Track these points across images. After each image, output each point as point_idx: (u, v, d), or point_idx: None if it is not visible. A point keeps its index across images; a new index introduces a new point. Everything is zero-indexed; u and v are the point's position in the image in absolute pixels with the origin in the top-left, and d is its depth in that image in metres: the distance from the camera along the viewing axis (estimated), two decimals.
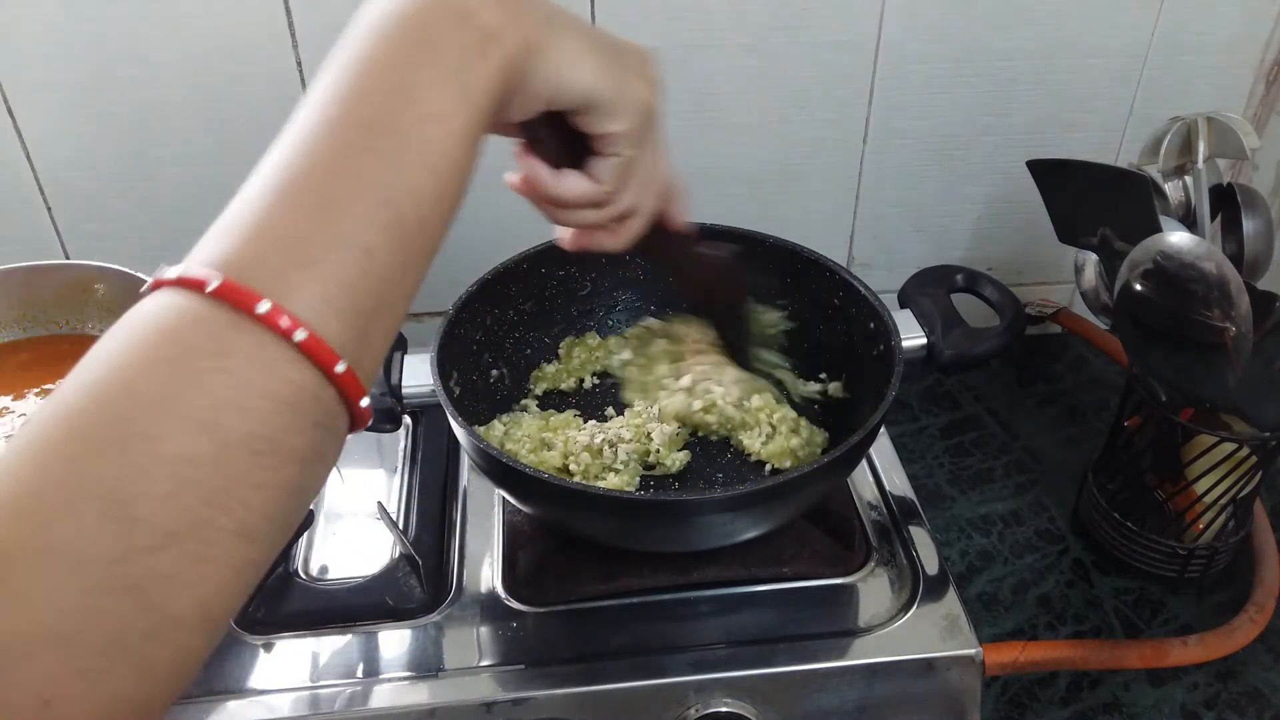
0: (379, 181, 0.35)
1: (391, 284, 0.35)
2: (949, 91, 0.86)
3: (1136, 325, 0.66)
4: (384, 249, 0.34)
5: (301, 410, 0.32)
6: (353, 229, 0.34)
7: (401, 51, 0.37)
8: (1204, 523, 0.71)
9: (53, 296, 0.78)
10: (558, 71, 0.40)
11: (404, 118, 0.36)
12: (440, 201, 0.37)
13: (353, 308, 0.33)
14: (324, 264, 0.33)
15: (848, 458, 0.63)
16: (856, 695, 0.62)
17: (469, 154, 0.38)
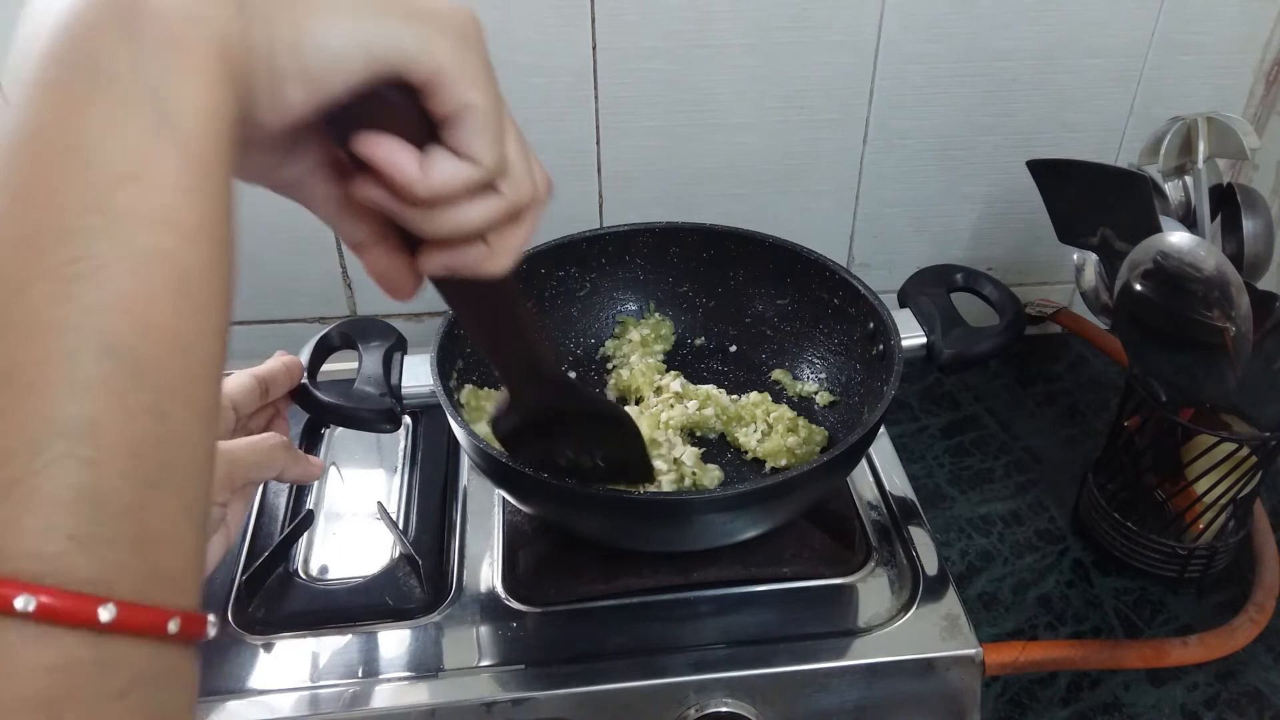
0: (74, 320, 0.24)
1: (152, 447, 0.25)
2: (949, 91, 0.86)
3: (1136, 325, 0.66)
4: (117, 409, 0.24)
5: (87, 694, 0.24)
6: (61, 411, 0.24)
7: (56, 89, 0.25)
8: (1204, 523, 0.71)
9: None
10: (322, 43, 0.28)
11: (80, 196, 0.24)
12: (187, 286, 0.26)
13: (105, 517, 0.24)
14: (39, 484, 0.23)
15: (848, 457, 0.63)
16: (856, 695, 0.62)
17: (211, 202, 0.27)
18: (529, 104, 0.83)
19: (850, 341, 0.77)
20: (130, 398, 0.25)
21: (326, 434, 0.82)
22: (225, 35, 0.27)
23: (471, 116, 0.32)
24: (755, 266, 0.81)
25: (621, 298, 0.84)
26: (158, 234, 0.25)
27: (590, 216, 0.90)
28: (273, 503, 0.75)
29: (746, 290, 0.82)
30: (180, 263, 0.26)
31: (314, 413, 0.67)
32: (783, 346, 0.82)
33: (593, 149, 0.86)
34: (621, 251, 0.82)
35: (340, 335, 0.72)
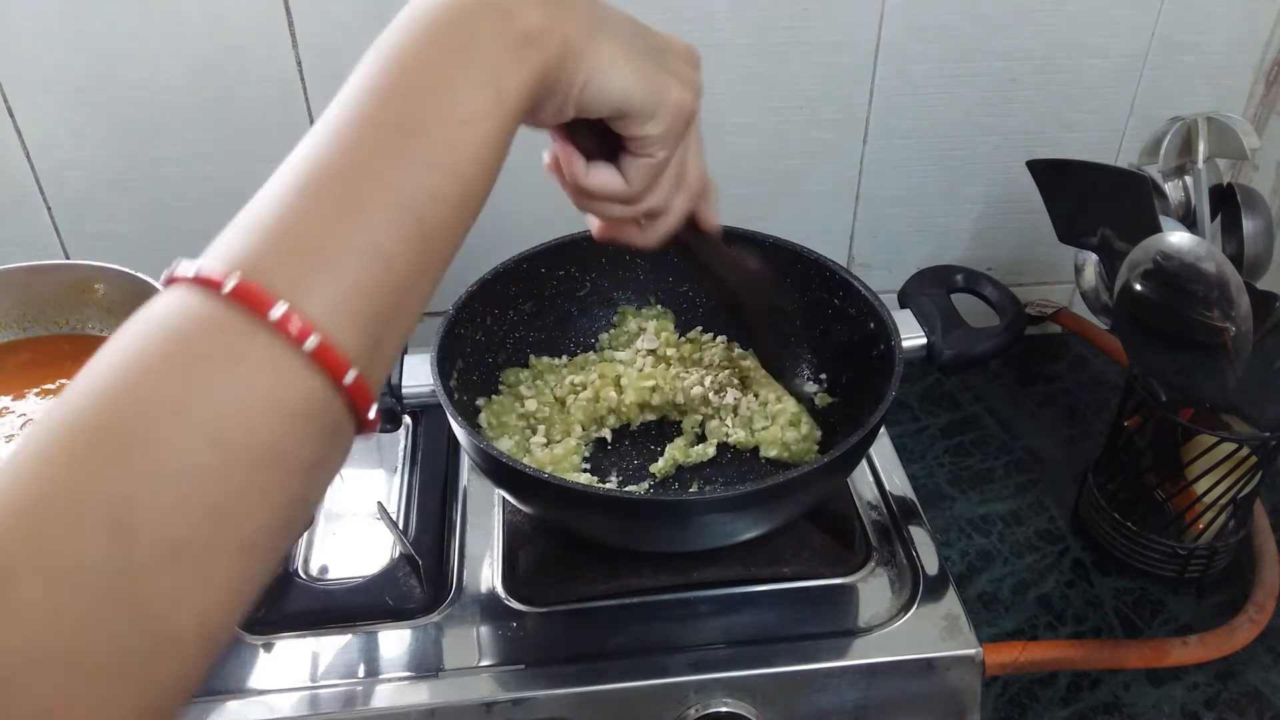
0: (404, 185, 0.34)
1: (408, 290, 0.34)
2: (949, 91, 0.86)
3: (1136, 325, 0.66)
4: (404, 255, 0.34)
5: (309, 420, 0.31)
6: (374, 234, 0.33)
7: (437, 51, 0.36)
8: (1204, 523, 0.71)
9: (53, 296, 0.78)
10: (593, 78, 0.39)
11: (434, 119, 0.35)
12: (463, 207, 0.36)
13: (368, 314, 0.33)
14: (342, 269, 0.32)
15: (848, 458, 0.63)
16: (856, 695, 0.62)
17: (497, 158, 0.37)
18: None
19: (850, 342, 0.77)
20: (412, 246, 0.34)
21: None
22: (552, 57, 0.38)
23: (641, 148, 0.44)
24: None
25: (621, 298, 0.84)
26: (465, 160, 0.36)
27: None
28: None
29: None
30: (467, 180, 0.36)
31: None
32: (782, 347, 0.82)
33: None
34: (621, 251, 0.82)
35: None
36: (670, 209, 0.48)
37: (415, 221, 0.34)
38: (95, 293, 0.78)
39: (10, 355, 0.77)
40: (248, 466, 0.30)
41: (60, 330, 0.79)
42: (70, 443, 0.28)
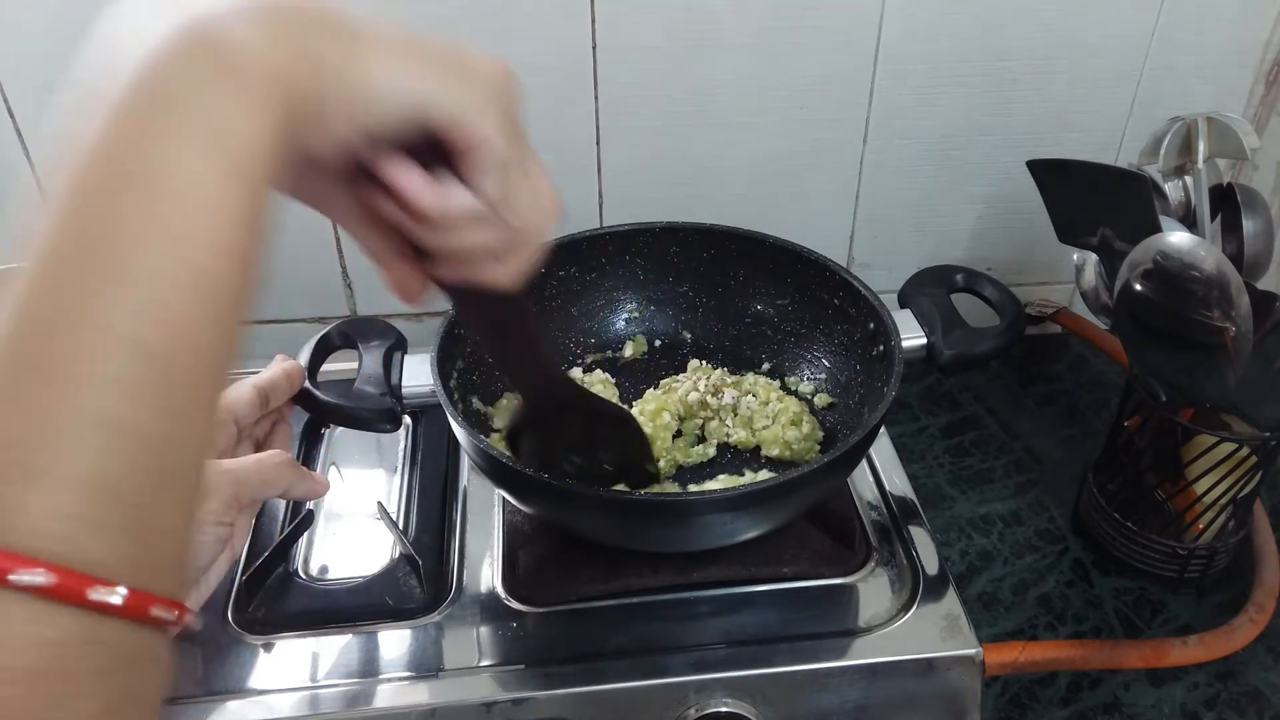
0: (115, 321, 0.26)
1: (163, 443, 0.27)
2: (949, 91, 0.86)
3: (1136, 325, 0.66)
4: (142, 408, 0.26)
5: (75, 668, 0.25)
6: (87, 402, 0.25)
7: (130, 113, 0.28)
8: (1204, 523, 0.71)
9: None
10: (369, 87, 0.32)
11: (141, 211, 0.27)
12: (219, 303, 0.29)
13: (114, 504, 0.26)
14: (56, 468, 0.25)
15: (848, 458, 0.63)
16: (856, 695, 0.62)
17: (251, 225, 0.30)
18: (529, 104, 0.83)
19: (850, 342, 0.77)
20: (151, 397, 0.27)
21: (326, 434, 0.82)
22: (283, 73, 0.30)
23: (481, 154, 0.35)
24: (755, 266, 0.81)
25: (621, 298, 0.84)
26: (201, 252, 0.28)
27: (590, 216, 0.90)
28: (273, 503, 0.75)
29: (746, 290, 0.82)
30: (217, 280, 0.29)
31: (314, 413, 0.67)
32: (783, 346, 0.82)
33: (593, 149, 0.86)
34: (621, 251, 0.82)
35: (340, 335, 0.72)
36: (535, 227, 0.39)
37: (144, 362, 0.27)
38: None
39: None
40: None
41: None
42: None
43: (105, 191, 0.27)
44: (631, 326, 0.85)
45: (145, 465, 0.27)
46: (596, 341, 0.84)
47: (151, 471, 0.27)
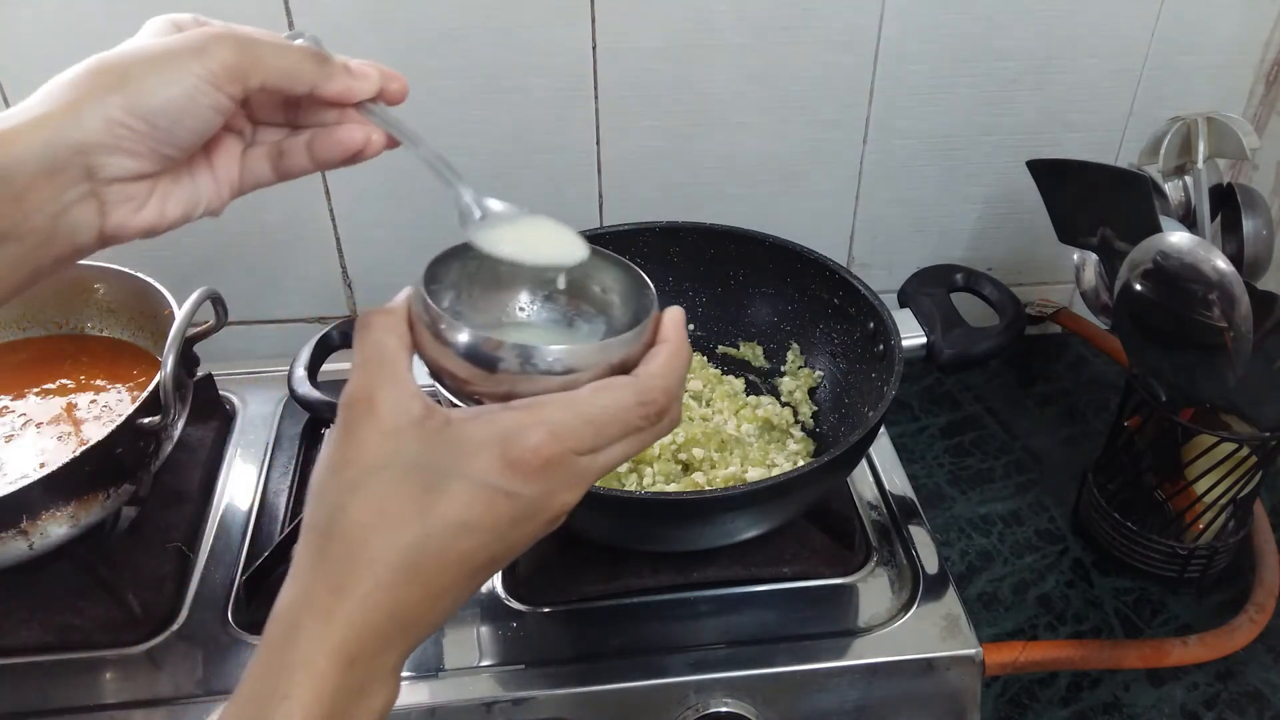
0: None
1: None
2: (949, 91, 0.86)
3: (1136, 325, 0.66)
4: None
5: None
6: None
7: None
8: (1204, 523, 0.71)
9: (53, 296, 0.78)
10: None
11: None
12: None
13: None
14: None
15: (848, 457, 0.63)
16: (856, 695, 0.62)
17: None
18: (529, 104, 0.83)
19: (850, 341, 0.77)
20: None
21: (326, 434, 0.82)
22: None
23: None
24: (755, 266, 0.81)
25: None
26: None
27: (590, 216, 0.90)
28: (273, 503, 0.75)
29: (746, 290, 0.82)
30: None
31: (314, 412, 0.67)
32: (782, 346, 0.82)
33: (593, 149, 0.86)
34: (621, 251, 0.80)
35: (340, 335, 0.72)
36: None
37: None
38: (95, 293, 0.78)
39: (10, 355, 0.77)
40: None
41: (60, 330, 0.79)
42: None
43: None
44: None
45: None
46: None
47: None
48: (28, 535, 0.60)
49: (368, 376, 0.39)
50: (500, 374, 0.39)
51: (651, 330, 0.42)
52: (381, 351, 0.40)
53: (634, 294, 0.46)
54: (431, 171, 0.48)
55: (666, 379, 0.41)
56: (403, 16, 0.77)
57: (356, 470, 0.38)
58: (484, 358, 0.39)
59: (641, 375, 0.40)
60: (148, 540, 0.70)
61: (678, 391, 0.41)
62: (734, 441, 0.71)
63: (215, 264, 0.88)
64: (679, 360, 0.42)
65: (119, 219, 0.41)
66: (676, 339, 0.42)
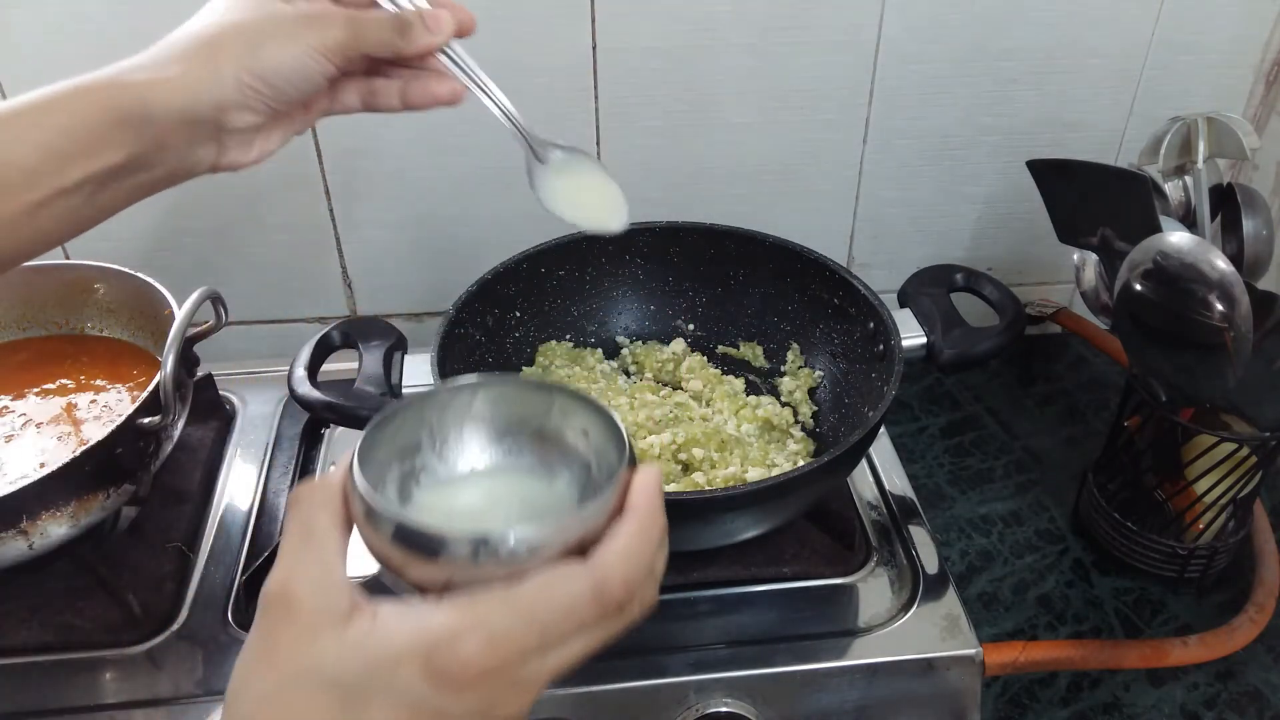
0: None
1: None
2: (949, 91, 0.86)
3: (1136, 325, 0.66)
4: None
5: None
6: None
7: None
8: (1204, 523, 0.71)
9: (53, 296, 0.78)
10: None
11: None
12: None
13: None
14: None
15: (848, 457, 0.63)
16: (856, 695, 0.62)
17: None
18: (529, 104, 0.83)
19: (850, 341, 0.77)
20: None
21: (326, 434, 0.82)
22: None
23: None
24: (755, 266, 0.81)
25: (621, 297, 0.84)
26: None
27: None
28: (272, 503, 0.75)
29: (746, 290, 0.82)
30: None
31: (314, 412, 0.67)
32: (782, 346, 0.82)
33: (593, 149, 0.86)
34: (621, 251, 0.82)
35: (340, 335, 0.72)
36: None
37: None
38: (95, 293, 0.78)
39: (10, 355, 0.77)
40: None
41: (60, 330, 0.79)
42: None
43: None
44: (631, 326, 0.85)
45: None
46: (596, 341, 0.84)
47: None
48: (28, 535, 0.60)
49: (289, 564, 0.35)
50: (436, 562, 0.34)
51: (618, 497, 0.36)
52: (309, 532, 0.36)
53: (609, 442, 0.40)
54: (501, 117, 0.54)
55: (628, 566, 0.35)
56: None
57: (271, 680, 0.33)
58: (416, 544, 0.34)
59: (598, 563, 0.35)
60: (148, 540, 0.70)
61: (642, 579, 0.36)
62: (734, 441, 0.71)
63: (215, 264, 0.88)
64: (645, 540, 0.36)
65: (232, 158, 0.49)
66: (646, 509, 0.36)
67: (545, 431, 0.43)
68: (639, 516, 0.36)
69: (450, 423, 0.42)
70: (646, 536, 0.36)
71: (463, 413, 0.42)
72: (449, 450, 0.42)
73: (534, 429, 0.43)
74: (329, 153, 0.83)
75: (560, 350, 0.81)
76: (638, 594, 0.36)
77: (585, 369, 0.79)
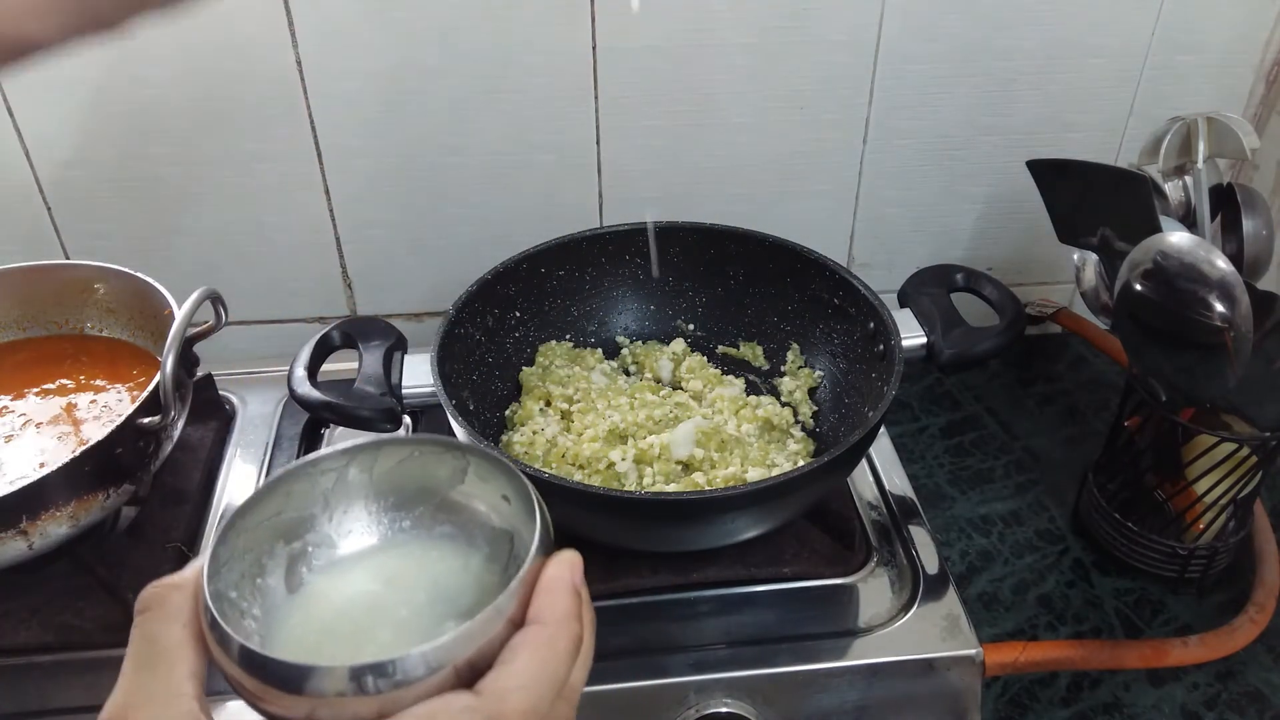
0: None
1: None
2: (949, 91, 0.86)
3: (1136, 325, 0.66)
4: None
5: None
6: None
7: None
8: (1204, 523, 0.71)
9: (53, 296, 0.78)
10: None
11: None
12: None
13: None
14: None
15: (848, 457, 0.63)
16: (857, 695, 0.62)
17: None
18: (529, 104, 0.83)
19: (850, 341, 0.77)
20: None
21: (326, 434, 0.82)
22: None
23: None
24: (755, 266, 0.81)
25: (621, 297, 0.84)
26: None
27: (590, 216, 0.90)
28: None
29: (746, 290, 0.82)
30: None
31: (314, 412, 0.67)
32: (782, 346, 0.82)
33: (593, 149, 0.86)
34: (621, 251, 0.82)
35: (340, 335, 0.72)
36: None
37: None
38: (95, 293, 0.78)
39: (10, 355, 0.77)
40: None
41: (60, 330, 0.79)
42: None
43: None
44: (631, 326, 0.85)
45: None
46: (596, 341, 0.84)
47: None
48: (28, 535, 0.60)
49: (127, 689, 0.30)
50: (300, 695, 0.30)
51: (519, 600, 0.31)
52: (153, 651, 0.31)
53: (527, 517, 0.34)
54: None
55: (526, 695, 0.29)
56: (402, 16, 0.77)
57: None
58: (272, 674, 0.30)
59: (489, 692, 0.29)
60: (148, 540, 0.70)
61: (546, 706, 0.29)
62: (734, 441, 0.71)
63: (215, 264, 0.88)
64: (550, 658, 0.29)
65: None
66: (554, 617, 0.30)
67: (458, 499, 0.38)
68: (544, 630, 0.30)
69: (348, 491, 0.37)
70: (552, 652, 0.30)
71: (363, 479, 0.37)
72: (346, 522, 0.37)
73: (445, 496, 0.38)
74: (329, 153, 0.83)
75: (560, 350, 0.81)
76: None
77: (585, 369, 0.79)
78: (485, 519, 0.37)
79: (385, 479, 0.38)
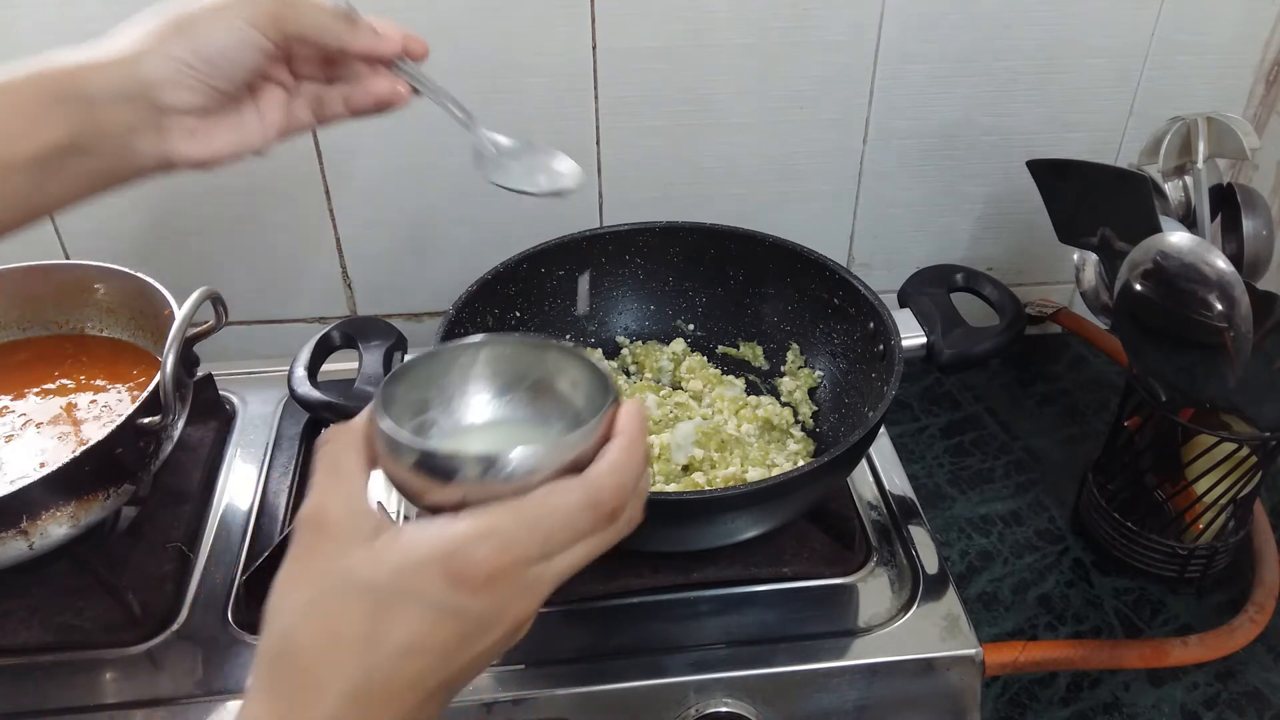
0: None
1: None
2: (949, 91, 0.86)
3: (1136, 325, 0.66)
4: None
5: None
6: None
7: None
8: (1204, 523, 0.71)
9: (53, 296, 0.78)
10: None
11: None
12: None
13: None
14: None
15: (848, 457, 0.63)
16: (856, 695, 0.62)
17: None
18: (529, 104, 0.83)
19: (850, 341, 0.77)
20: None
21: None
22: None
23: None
24: (755, 266, 0.81)
25: (621, 297, 0.84)
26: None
27: (590, 216, 0.90)
28: (273, 503, 0.75)
29: (746, 290, 0.82)
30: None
31: (314, 412, 0.67)
32: (782, 346, 0.82)
33: (593, 149, 0.86)
34: (621, 251, 0.82)
35: (340, 335, 0.72)
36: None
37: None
38: (95, 293, 0.78)
39: (10, 355, 0.77)
40: None
41: (60, 330, 0.79)
42: None
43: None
44: (631, 326, 0.85)
45: None
46: (596, 341, 0.84)
47: None
48: (28, 535, 0.60)
49: (321, 494, 0.39)
50: (451, 484, 0.38)
51: (606, 425, 0.41)
52: (337, 467, 0.40)
53: (599, 390, 0.44)
54: (453, 117, 0.57)
55: (618, 476, 0.39)
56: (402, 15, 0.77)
57: (308, 592, 0.38)
58: (434, 469, 0.38)
59: (590, 475, 0.39)
60: (148, 540, 0.70)
61: (632, 488, 0.40)
62: (734, 441, 0.71)
63: (215, 264, 0.88)
64: (631, 456, 0.40)
65: (176, 147, 0.49)
66: (631, 432, 0.40)
67: (541, 385, 0.46)
68: (625, 437, 0.40)
69: (455, 380, 0.46)
70: (633, 453, 0.40)
71: (466, 371, 0.46)
72: (455, 405, 0.46)
73: (531, 383, 0.46)
74: (329, 153, 0.83)
75: None
76: (627, 508, 0.40)
77: None
78: (562, 400, 0.46)
79: (485, 370, 0.46)
